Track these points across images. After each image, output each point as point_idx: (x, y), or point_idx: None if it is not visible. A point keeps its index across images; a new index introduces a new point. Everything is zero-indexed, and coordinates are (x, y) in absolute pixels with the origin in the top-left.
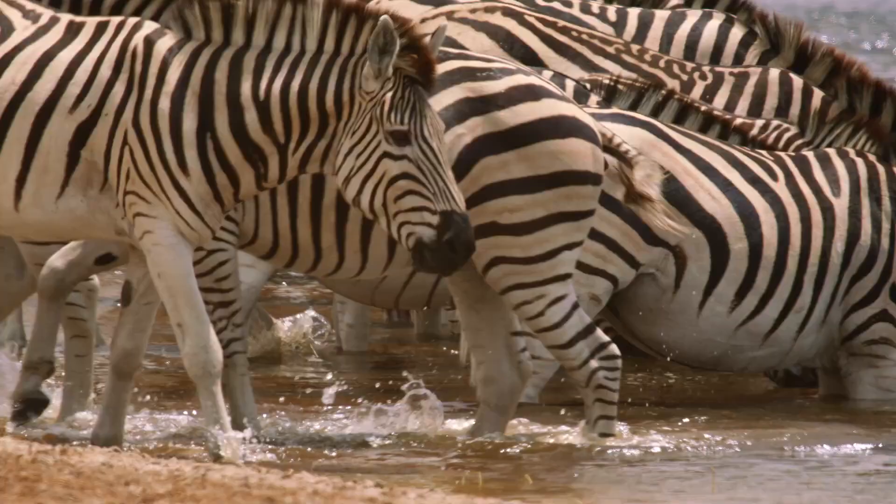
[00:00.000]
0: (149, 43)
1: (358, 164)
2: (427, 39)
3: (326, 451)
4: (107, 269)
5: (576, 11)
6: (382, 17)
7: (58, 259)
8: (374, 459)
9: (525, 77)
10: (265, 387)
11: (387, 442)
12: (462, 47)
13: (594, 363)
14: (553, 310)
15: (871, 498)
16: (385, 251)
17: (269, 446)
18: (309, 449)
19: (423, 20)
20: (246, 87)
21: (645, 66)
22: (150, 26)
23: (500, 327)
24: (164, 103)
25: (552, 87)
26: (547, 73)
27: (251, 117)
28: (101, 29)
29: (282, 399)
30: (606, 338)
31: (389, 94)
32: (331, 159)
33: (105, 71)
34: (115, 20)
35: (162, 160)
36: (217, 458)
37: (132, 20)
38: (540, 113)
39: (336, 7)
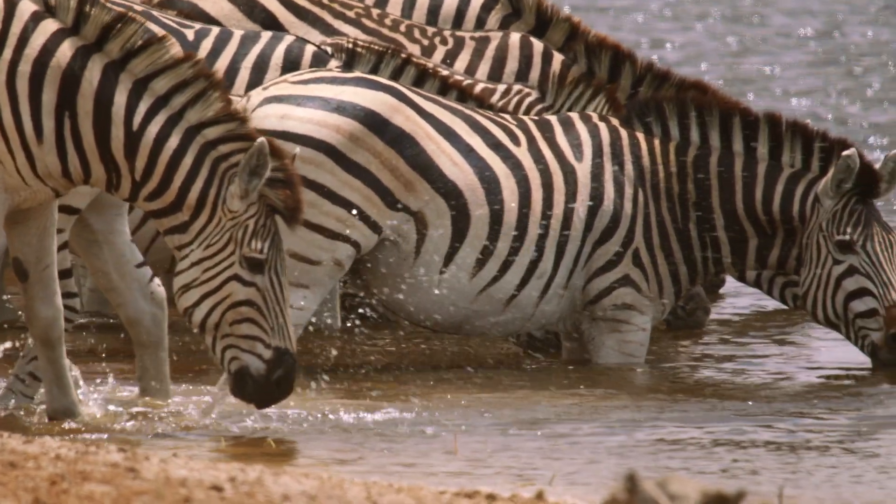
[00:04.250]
0: (10, 3)
1: (203, 278)
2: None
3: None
4: None
5: None
6: (260, 140)
7: None
8: (117, 424)
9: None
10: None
11: (130, 408)
12: (202, 12)
13: None
14: None
15: (620, 462)
16: None
17: (11, 411)
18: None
19: None
20: (119, 104)
21: (385, 31)
22: None
23: (123, 264)
24: (25, 67)
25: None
26: (288, 38)
27: (116, 135)
28: None
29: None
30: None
31: (253, 221)
32: (174, 240)
33: None
34: None
35: (16, 122)
36: None
37: None
38: None
39: (236, 117)
